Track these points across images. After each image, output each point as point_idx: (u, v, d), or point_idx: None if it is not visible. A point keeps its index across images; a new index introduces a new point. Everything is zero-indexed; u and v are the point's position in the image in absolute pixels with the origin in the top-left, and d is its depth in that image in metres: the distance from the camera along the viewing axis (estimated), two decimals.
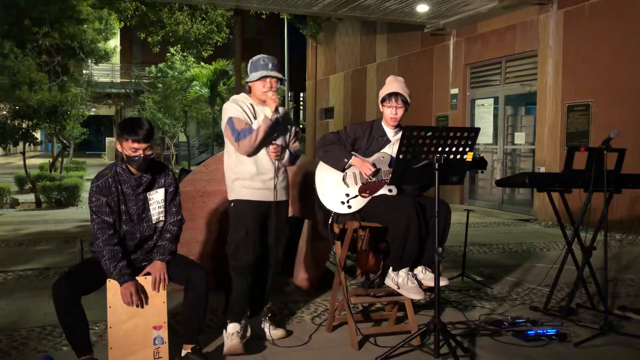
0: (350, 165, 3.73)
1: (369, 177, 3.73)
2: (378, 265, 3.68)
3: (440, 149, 3.39)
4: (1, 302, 4.59)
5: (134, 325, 3.10)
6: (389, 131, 3.88)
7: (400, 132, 3.62)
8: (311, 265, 4.88)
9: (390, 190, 3.75)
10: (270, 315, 3.89)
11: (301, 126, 25.59)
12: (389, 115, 3.83)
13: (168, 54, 22.02)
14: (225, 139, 3.59)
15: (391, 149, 3.79)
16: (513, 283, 5.36)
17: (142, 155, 3.11)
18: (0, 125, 11.43)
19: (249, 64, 3.63)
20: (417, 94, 11.70)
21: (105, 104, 27.73)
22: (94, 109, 23.77)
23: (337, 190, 3.75)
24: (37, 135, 14.86)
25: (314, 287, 4.89)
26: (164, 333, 3.15)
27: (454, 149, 3.43)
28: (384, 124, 3.89)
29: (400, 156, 3.38)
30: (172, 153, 23.47)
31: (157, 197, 3.26)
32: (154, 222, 3.25)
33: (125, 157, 3.15)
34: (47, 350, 3.53)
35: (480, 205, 11.53)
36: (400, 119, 3.86)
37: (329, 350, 3.61)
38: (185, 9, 15.89)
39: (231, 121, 3.52)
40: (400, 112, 3.82)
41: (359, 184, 3.75)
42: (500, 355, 3.54)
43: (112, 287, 3.08)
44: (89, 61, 16.85)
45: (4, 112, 12.07)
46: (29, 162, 13.50)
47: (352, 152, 3.78)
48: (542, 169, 9.91)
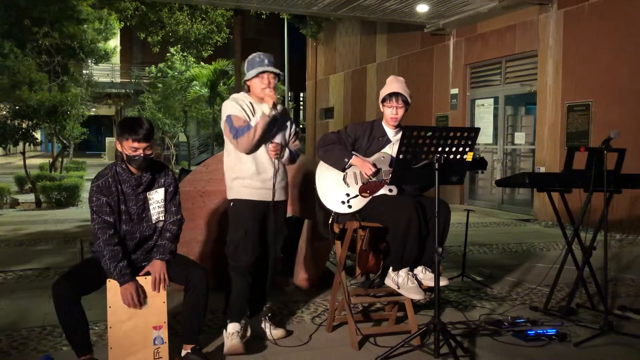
0: (350, 165, 3.73)
1: (369, 177, 3.73)
2: (378, 265, 3.68)
3: (440, 149, 3.39)
4: (1, 302, 4.59)
5: (134, 325, 3.10)
6: (390, 131, 3.88)
7: (400, 132, 3.62)
8: (311, 265, 4.88)
9: (390, 190, 3.75)
10: (270, 315, 3.89)
11: (301, 126, 25.59)
12: (389, 115, 3.83)
13: (168, 54, 22.03)
14: (225, 138, 3.60)
15: (391, 149, 3.79)
16: (513, 283, 5.36)
17: (142, 155, 3.11)
18: (0, 125, 11.43)
19: (245, 63, 3.64)
20: (417, 94, 11.71)
21: (105, 104, 27.73)
22: (94, 109, 23.75)
23: (338, 190, 3.75)
24: (37, 135, 14.86)
25: (314, 287, 4.88)
26: (164, 333, 3.15)
27: (454, 149, 3.43)
28: (385, 124, 3.89)
29: (400, 156, 3.39)
30: (172, 153, 23.47)
31: (157, 197, 3.26)
32: (154, 221, 3.26)
33: (125, 157, 3.15)
34: (47, 350, 3.53)
35: (480, 205, 11.53)
36: (401, 119, 3.86)
37: (329, 350, 3.61)
38: (185, 9, 15.91)
39: (230, 119, 3.52)
40: (401, 112, 3.82)
41: (360, 184, 3.75)
42: (500, 355, 3.54)
43: (112, 287, 3.08)
44: (89, 61, 16.84)
45: (4, 112, 12.06)
46: (29, 162, 13.49)
47: (353, 152, 3.78)
48: (542, 169, 9.91)
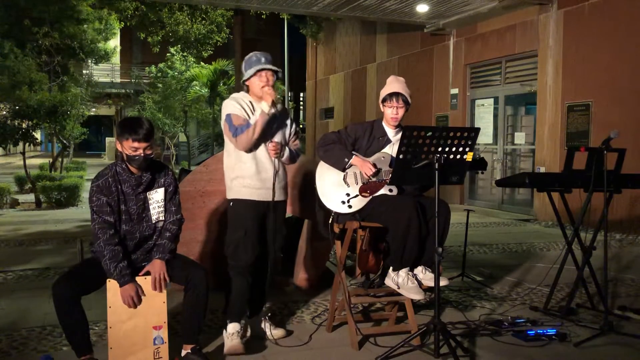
0: (350, 165, 3.73)
1: (369, 177, 3.73)
2: (378, 265, 3.68)
3: (440, 149, 3.39)
4: (1, 302, 4.59)
5: (134, 325, 3.10)
6: (390, 131, 3.88)
7: (400, 132, 3.62)
8: (311, 265, 4.88)
9: (390, 190, 3.75)
10: (270, 315, 3.89)
11: (301, 126, 25.58)
12: (389, 115, 3.83)
13: (168, 54, 22.02)
14: (225, 137, 3.60)
15: (392, 149, 3.79)
16: (513, 283, 5.36)
17: (142, 155, 3.11)
18: (0, 125, 11.43)
19: (243, 63, 3.65)
20: (417, 94, 11.70)
21: (105, 104, 27.71)
22: (94, 109, 23.76)
23: (338, 189, 3.75)
24: (37, 135, 14.86)
25: (313, 287, 4.88)
26: (164, 333, 3.15)
27: (454, 149, 3.43)
28: (385, 124, 3.89)
29: (400, 156, 3.39)
30: (172, 153, 23.46)
31: (156, 197, 3.26)
32: (154, 221, 3.26)
33: (125, 157, 3.15)
34: (47, 350, 3.53)
35: (480, 205, 11.53)
36: (401, 119, 3.86)
37: (329, 350, 3.60)
38: (185, 9, 15.90)
39: (229, 118, 3.52)
40: (401, 112, 3.82)
41: (360, 184, 3.75)
42: (500, 355, 3.54)
43: (112, 287, 3.08)
44: (89, 61, 16.85)
45: (4, 112, 12.06)
46: (29, 162, 13.49)
47: (353, 152, 3.78)
48: (542, 169, 9.90)
